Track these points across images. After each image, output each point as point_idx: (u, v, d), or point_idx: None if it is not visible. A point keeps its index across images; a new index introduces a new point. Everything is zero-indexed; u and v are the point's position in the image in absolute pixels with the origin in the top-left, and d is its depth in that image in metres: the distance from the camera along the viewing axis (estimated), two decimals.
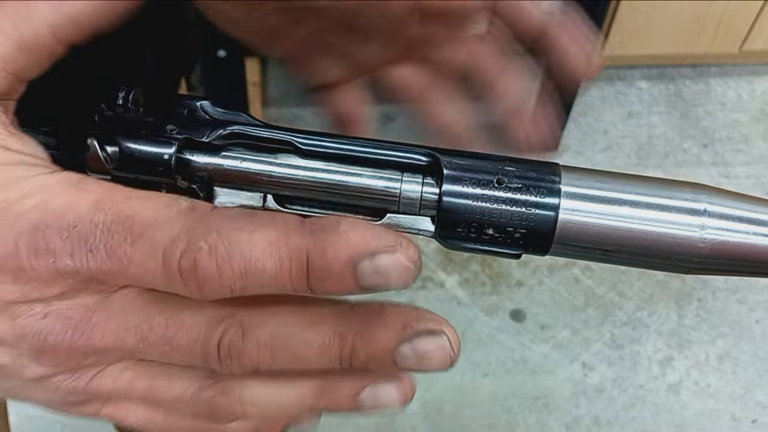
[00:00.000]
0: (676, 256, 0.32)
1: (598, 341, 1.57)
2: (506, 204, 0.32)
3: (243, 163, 0.34)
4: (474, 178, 0.32)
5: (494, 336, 1.56)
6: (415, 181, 0.33)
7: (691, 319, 1.61)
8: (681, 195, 0.32)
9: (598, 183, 0.32)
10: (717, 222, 0.31)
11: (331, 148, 0.34)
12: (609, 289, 1.64)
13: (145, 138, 0.32)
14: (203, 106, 0.35)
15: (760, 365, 1.55)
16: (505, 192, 0.32)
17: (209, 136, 0.33)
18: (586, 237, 0.32)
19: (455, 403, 1.48)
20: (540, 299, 1.61)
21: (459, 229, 0.32)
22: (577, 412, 1.47)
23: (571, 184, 0.32)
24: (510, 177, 0.32)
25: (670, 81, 2.06)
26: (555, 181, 0.32)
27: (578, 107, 1.92)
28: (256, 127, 0.34)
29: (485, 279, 1.64)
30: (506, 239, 0.32)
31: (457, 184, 0.32)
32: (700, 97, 2.02)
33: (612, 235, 0.32)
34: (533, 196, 0.32)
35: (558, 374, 1.52)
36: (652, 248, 0.32)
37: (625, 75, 2.06)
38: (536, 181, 0.32)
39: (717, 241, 0.31)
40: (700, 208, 0.32)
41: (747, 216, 0.32)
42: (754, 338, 1.59)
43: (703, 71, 2.08)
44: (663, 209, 0.32)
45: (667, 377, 1.53)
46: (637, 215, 0.32)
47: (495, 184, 0.32)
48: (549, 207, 0.32)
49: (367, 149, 0.34)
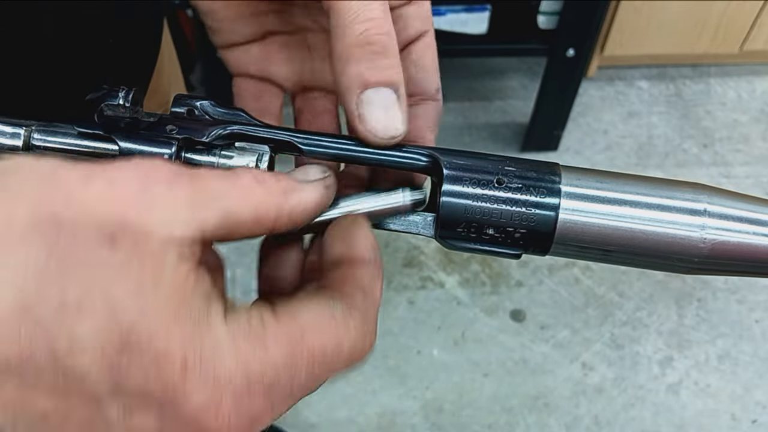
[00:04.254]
0: (676, 256, 0.32)
1: (598, 341, 1.57)
2: (506, 204, 0.32)
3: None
4: (474, 178, 0.32)
5: (494, 336, 1.56)
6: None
7: (691, 319, 1.61)
8: (681, 195, 0.32)
9: (598, 183, 0.32)
10: (717, 222, 0.31)
11: (332, 148, 0.34)
12: (609, 289, 1.64)
13: (145, 138, 0.32)
14: (203, 106, 0.35)
15: (760, 365, 1.55)
16: (505, 192, 0.32)
17: (209, 136, 0.33)
18: (586, 237, 0.32)
19: (455, 403, 1.48)
20: (540, 299, 1.61)
21: (459, 229, 0.32)
22: (577, 412, 1.47)
23: (571, 184, 0.32)
24: (510, 177, 0.32)
25: (670, 81, 2.06)
26: (555, 181, 0.32)
27: (578, 107, 1.92)
28: (256, 127, 0.34)
29: (485, 279, 1.64)
30: (506, 239, 0.32)
31: (457, 184, 0.32)
32: (700, 97, 2.02)
33: (612, 235, 0.32)
34: (533, 196, 0.32)
35: (558, 374, 1.52)
36: (652, 248, 0.32)
37: (625, 75, 2.05)
38: (536, 181, 0.32)
39: (717, 241, 0.31)
40: (700, 208, 0.32)
41: (747, 216, 0.32)
42: (754, 338, 1.59)
43: (703, 71, 2.08)
44: (663, 209, 0.32)
45: (667, 377, 1.53)
46: (637, 215, 0.32)
47: (495, 184, 0.32)
48: (549, 207, 0.32)
49: (368, 150, 0.34)
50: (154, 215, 0.24)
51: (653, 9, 1.76)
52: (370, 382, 1.49)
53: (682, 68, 2.07)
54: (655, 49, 1.90)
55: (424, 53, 0.38)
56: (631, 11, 1.76)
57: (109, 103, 0.33)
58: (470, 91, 1.99)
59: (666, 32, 1.84)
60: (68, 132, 0.33)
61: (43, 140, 0.33)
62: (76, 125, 0.33)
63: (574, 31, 1.56)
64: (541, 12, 1.57)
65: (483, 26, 1.61)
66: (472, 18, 1.59)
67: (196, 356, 0.24)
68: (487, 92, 2.00)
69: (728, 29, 1.84)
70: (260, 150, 0.34)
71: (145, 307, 0.23)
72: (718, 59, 2.04)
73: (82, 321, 0.22)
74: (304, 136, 0.34)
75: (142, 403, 0.23)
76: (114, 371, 0.23)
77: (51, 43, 0.42)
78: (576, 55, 1.59)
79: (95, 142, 0.33)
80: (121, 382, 0.23)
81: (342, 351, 0.27)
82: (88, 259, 0.23)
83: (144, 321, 0.23)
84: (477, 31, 1.62)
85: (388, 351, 1.52)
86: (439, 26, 1.60)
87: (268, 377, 0.25)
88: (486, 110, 1.96)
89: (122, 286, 0.23)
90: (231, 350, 0.25)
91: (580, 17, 1.53)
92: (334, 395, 1.47)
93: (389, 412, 1.46)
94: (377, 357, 1.51)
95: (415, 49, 0.38)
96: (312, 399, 1.46)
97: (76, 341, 0.22)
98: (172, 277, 0.24)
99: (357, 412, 1.46)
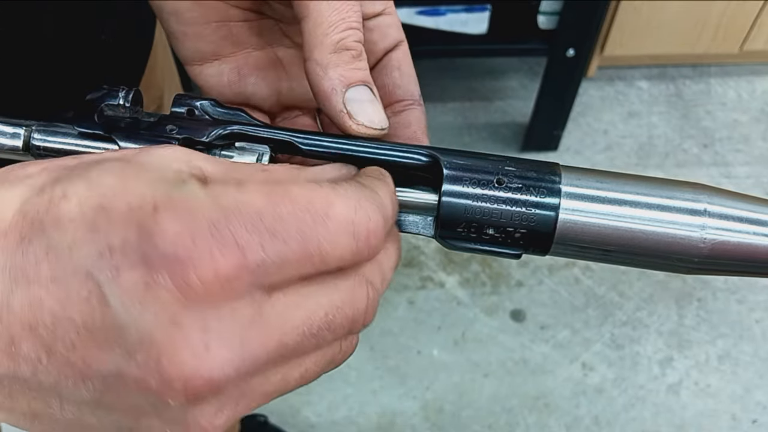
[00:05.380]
0: (676, 256, 0.32)
1: (598, 341, 1.57)
2: (506, 204, 0.32)
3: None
4: (474, 178, 0.32)
5: (494, 336, 1.56)
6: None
7: (691, 319, 1.61)
8: (681, 195, 0.32)
9: (598, 183, 0.32)
10: (717, 222, 0.31)
11: (332, 148, 0.34)
12: (609, 289, 1.64)
13: (145, 138, 0.32)
14: (203, 106, 0.35)
15: (760, 365, 1.55)
16: (505, 192, 0.32)
17: (209, 136, 0.33)
18: (586, 237, 0.32)
19: (455, 403, 1.48)
20: (540, 299, 1.61)
21: (459, 229, 0.32)
22: (577, 412, 1.47)
23: (571, 184, 0.32)
24: (510, 177, 0.32)
25: (670, 81, 2.06)
26: (555, 181, 0.32)
27: (578, 107, 1.92)
28: (256, 127, 0.34)
29: (485, 279, 1.64)
30: (506, 239, 0.32)
31: (457, 184, 0.32)
32: (700, 97, 2.02)
33: (612, 235, 0.32)
34: (533, 196, 0.32)
35: (558, 374, 1.52)
36: (652, 248, 0.32)
37: (625, 75, 2.05)
38: (536, 181, 0.32)
39: (717, 241, 0.31)
40: (700, 208, 0.32)
41: (747, 216, 0.32)
42: (754, 338, 1.59)
43: (704, 71, 2.08)
44: (663, 209, 0.32)
45: (667, 377, 1.53)
46: (637, 215, 0.32)
47: (495, 184, 0.32)
48: (549, 207, 0.32)
49: (368, 149, 0.34)
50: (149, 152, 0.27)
51: (653, 9, 1.76)
52: (370, 382, 1.49)
53: (682, 68, 2.07)
54: (655, 49, 1.90)
55: (404, 60, 0.39)
56: (631, 11, 1.76)
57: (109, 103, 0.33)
58: (470, 91, 1.99)
59: (666, 32, 1.83)
60: (68, 132, 0.33)
61: (43, 140, 0.33)
62: (76, 125, 0.33)
63: (574, 31, 1.56)
64: (541, 12, 1.57)
65: (483, 26, 1.61)
66: (472, 18, 1.59)
67: (166, 198, 0.24)
68: (487, 92, 2.00)
69: (728, 29, 1.84)
70: (260, 150, 0.34)
71: (123, 180, 0.24)
72: (718, 59, 2.04)
73: (67, 201, 0.24)
74: (304, 136, 0.34)
75: (126, 259, 0.23)
76: (94, 232, 0.23)
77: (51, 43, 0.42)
78: (576, 55, 1.59)
79: (95, 142, 0.33)
80: (103, 240, 0.23)
81: (336, 211, 0.26)
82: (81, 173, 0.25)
83: (120, 186, 0.24)
84: (477, 31, 1.62)
85: (388, 351, 1.52)
86: (439, 26, 1.60)
87: (248, 212, 0.24)
88: (486, 110, 1.96)
89: (107, 178, 0.24)
90: (203, 191, 0.25)
91: (580, 17, 1.53)
92: (334, 395, 1.47)
93: (389, 412, 1.46)
94: (377, 357, 1.51)
95: (395, 57, 0.39)
96: (312, 399, 1.46)
97: (61, 218, 0.24)
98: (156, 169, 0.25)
99: (357, 412, 1.46)
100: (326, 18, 0.34)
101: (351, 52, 0.34)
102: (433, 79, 1.97)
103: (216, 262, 0.23)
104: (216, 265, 0.23)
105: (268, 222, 0.25)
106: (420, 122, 0.39)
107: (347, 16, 0.34)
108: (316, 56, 0.34)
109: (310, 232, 0.25)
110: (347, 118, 0.34)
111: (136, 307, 0.23)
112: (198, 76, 0.40)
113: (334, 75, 0.34)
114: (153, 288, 0.23)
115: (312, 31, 0.34)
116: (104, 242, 0.23)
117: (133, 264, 0.23)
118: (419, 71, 0.39)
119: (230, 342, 0.24)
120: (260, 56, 0.41)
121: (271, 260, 0.24)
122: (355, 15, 0.34)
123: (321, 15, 0.34)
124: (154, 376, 0.23)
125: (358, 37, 0.35)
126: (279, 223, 0.25)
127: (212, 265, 0.23)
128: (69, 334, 0.23)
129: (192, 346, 0.23)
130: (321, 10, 0.34)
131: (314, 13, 0.34)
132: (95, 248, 0.23)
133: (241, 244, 0.24)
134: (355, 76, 0.34)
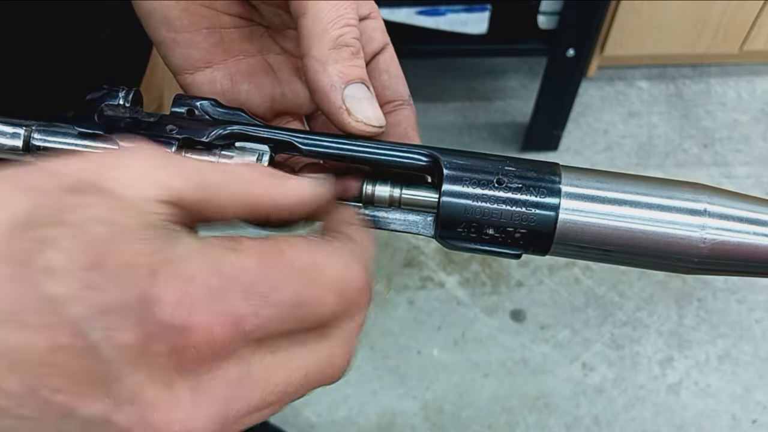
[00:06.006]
0: (676, 256, 0.32)
1: (598, 341, 1.57)
2: (506, 204, 0.32)
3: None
4: (474, 178, 0.32)
5: (494, 336, 1.56)
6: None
7: (691, 319, 1.61)
8: (681, 195, 0.32)
9: (598, 183, 0.32)
10: (717, 222, 0.31)
11: (332, 148, 0.34)
12: (609, 289, 1.64)
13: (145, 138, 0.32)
14: (203, 106, 0.35)
15: (760, 365, 1.55)
16: (505, 192, 0.32)
17: (209, 136, 0.33)
18: (586, 237, 0.32)
19: (455, 403, 1.47)
20: (540, 299, 1.61)
21: (459, 229, 0.32)
22: (577, 412, 1.47)
23: (571, 184, 0.32)
24: (510, 177, 0.32)
25: (670, 81, 2.06)
26: (555, 181, 0.32)
27: (578, 107, 1.92)
28: (256, 127, 0.34)
29: (485, 279, 1.64)
30: (506, 239, 0.32)
31: (457, 184, 0.32)
32: (700, 97, 2.02)
33: (612, 235, 0.32)
34: (533, 196, 0.32)
35: (558, 374, 1.52)
36: (652, 248, 0.32)
37: (625, 75, 2.05)
38: (536, 181, 0.32)
39: (717, 241, 0.31)
40: (700, 208, 0.32)
41: (747, 216, 0.32)
42: (754, 338, 1.58)
43: (704, 71, 2.07)
44: (663, 209, 0.32)
45: (667, 377, 1.53)
46: (637, 215, 0.32)
47: (495, 184, 0.32)
48: (549, 207, 0.32)
49: (368, 149, 0.34)
50: (122, 173, 0.25)
51: (653, 9, 1.76)
52: (370, 382, 1.49)
53: (682, 68, 2.07)
54: (655, 49, 1.90)
55: (391, 63, 0.40)
56: (631, 11, 1.76)
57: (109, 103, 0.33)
58: (470, 91, 1.99)
59: (666, 32, 1.83)
60: (68, 132, 0.33)
61: (43, 140, 0.33)
62: (76, 125, 0.33)
63: (574, 31, 1.56)
64: (541, 12, 1.57)
65: (483, 26, 1.61)
66: (472, 18, 1.59)
67: (163, 261, 0.24)
68: (487, 92, 2.00)
69: (728, 29, 1.84)
70: (260, 150, 0.34)
71: (112, 231, 0.24)
72: (718, 59, 2.04)
73: (57, 251, 0.23)
74: (304, 136, 0.34)
75: (119, 320, 0.23)
76: (87, 290, 0.23)
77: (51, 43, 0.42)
78: (576, 55, 1.59)
79: (95, 142, 0.33)
80: (95, 299, 0.23)
81: (326, 271, 0.27)
82: (58, 205, 0.24)
83: (110, 240, 0.23)
84: (477, 31, 1.62)
85: (388, 351, 1.52)
86: (439, 26, 1.60)
87: (244, 279, 0.25)
88: (486, 110, 1.96)
89: (88, 216, 0.24)
90: (201, 254, 0.25)
91: (580, 17, 1.53)
92: (334, 395, 1.47)
93: (389, 412, 1.46)
94: (377, 357, 1.51)
95: (383, 59, 0.40)
96: (312, 399, 1.46)
97: (50, 269, 0.23)
98: (141, 209, 0.25)
99: (357, 412, 1.46)
100: (325, 14, 0.34)
101: (350, 49, 0.34)
102: (434, 79, 1.97)
103: (212, 330, 0.24)
104: (212, 334, 0.24)
105: (264, 288, 0.25)
106: (410, 121, 0.39)
107: (345, 13, 0.34)
108: (315, 52, 0.34)
109: (304, 297, 0.26)
110: (346, 115, 0.34)
111: (130, 367, 0.23)
112: (190, 85, 0.40)
113: (333, 71, 0.34)
114: (148, 354, 0.23)
115: (311, 27, 0.34)
116: (99, 301, 0.23)
117: (129, 327, 0.23)
118: (419, 71, 0.39)
119: (218, 401, 0.25)
120: (252, 63, 0.41)
121: (264, 323, 0.25)
122: (352, 12, 0.35)
123: (320, 11, 0.34)
124: (141, 427, 0.24)
125: (356, 35, 0.35)
126: (274, 291, 0.25)
127: (208, 334, 0.24)
128: (56, 380, 0.23)
129: (183, 407, 0.24)
130: (320, 6, 0.34)
131: (313, 10, 0.34)
132: (90, 306, 0.23)
133: (237, 313, 0.24)
134: (354, 73, 0.34)
